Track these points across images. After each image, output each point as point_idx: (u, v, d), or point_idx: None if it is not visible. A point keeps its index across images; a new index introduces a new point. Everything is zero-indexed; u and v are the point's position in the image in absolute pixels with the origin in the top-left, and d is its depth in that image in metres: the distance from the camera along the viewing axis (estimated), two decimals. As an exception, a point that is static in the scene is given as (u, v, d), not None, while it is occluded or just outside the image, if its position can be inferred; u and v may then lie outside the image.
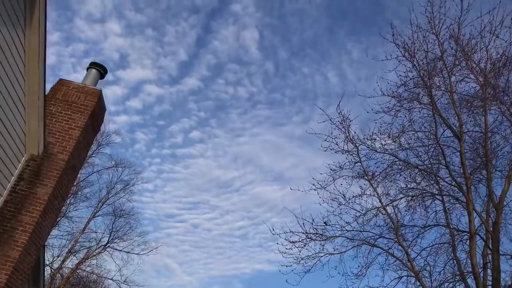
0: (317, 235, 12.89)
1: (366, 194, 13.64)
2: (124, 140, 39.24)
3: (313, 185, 13.19)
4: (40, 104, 8.68)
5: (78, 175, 32.04)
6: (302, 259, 13.17)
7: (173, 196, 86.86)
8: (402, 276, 13.33)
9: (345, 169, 13.77)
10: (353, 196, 13.62)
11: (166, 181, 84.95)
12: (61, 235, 31.25)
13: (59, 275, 31.14)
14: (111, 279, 33.77)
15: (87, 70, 10.63)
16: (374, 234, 13.46)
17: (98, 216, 33.99)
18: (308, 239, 12.83)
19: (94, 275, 33.73)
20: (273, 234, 13.12)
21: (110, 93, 69.70)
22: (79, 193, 32.14)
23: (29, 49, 8.04)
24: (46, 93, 9.67)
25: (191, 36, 78.72)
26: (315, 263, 13.13)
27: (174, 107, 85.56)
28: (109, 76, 67.49)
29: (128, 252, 34.26)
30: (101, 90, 10.12)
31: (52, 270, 30.66)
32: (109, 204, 34.74)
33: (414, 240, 13.93)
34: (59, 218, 29.34)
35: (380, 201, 13.47)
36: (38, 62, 8.17)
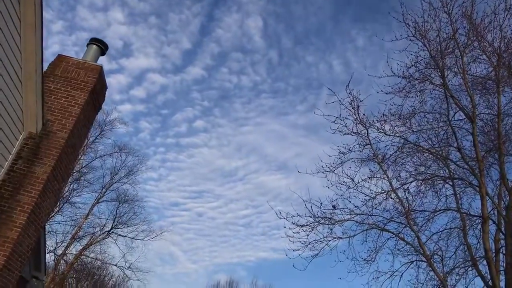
0: (325, 218, 12.49)
1: (376, 177, 13.21)
2: (127, 126, 38.65)
3: (322, 167, 12.77)
4: (37, 79, 8.23)
5: (81, 160, 31.84)
6: (309, 243, 12.81)
7: (178, 185, 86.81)
8: (413, 261, 12.98)
9: (354, 151, 13.35)
10: (362, 180, 13.20)
11: (170, 170, 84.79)
12: (65, 221, 31.05)
13: (63, 261, 30.98)
14: (115, 265, 33.61)
15: (87, 46, 10.16)
16: (384, 218, 13.07)
17: (101, 202, 33.82)
18: (316, 223, 12.44)
19: (98, 261, 33.56)
20: (280, 218, 12.75)
21: (114, 82, 69.33)
22: (82, 178, 31.87)
23: (25, 20, 7.58)
24: (45, 70, 9.25)
25: (195, 24, 78.13)
26: (323, 247, 12.76)
27: (178, 96, 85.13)
28: (112, 65, 66.75)
29: (132, 238, 34.12)
30: (101, 66, 9.66)
31: (56, 256, 30.48)
32: (112, 190, 34.54)
33: (425, 224, 13.52)
34: (62, 204, 29.12)
35: (391, 184, 13.03)
36: (34, 34, 7.70)
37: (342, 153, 13.13)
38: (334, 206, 12.39)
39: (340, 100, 13.17)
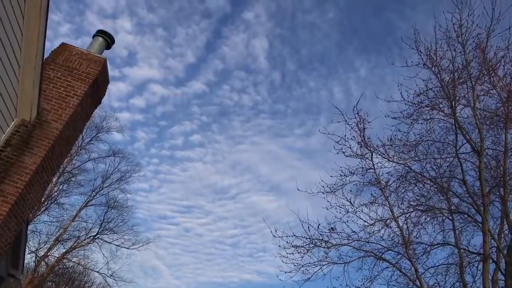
0: (321, 241, 11.93)
1: (377, 203, 12.73)
2: (123, 133, 37.97)
3: (323, 187, 12.28)
4: (37, 65, 7.75)
5: (74, 161, 31.24)
6: (303, 266, 12.24)
7: (168, 198, 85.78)
8: (410, 294, 12.38)
9: (357, 174, 12.88)
10: (363, 204, 12.71)
11: (162, 182, 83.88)
12: (50, 222, 30.20)
13: (44, 263, 30.01)
14: (97, 272, 32.64)
15: (93, 38, 9.72)
16: (382, 247, 12.52)
17: (90, 205, 32.99)
18: (312, 245, 11.88)
19: (81, 266, 32.55)
20: (275, 236, 12.19)
21: (115, 89, 68.88)
22: (73, 179, 31.14)
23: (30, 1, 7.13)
24: (46, 57, 8.79)
25: (201, 39, 78.32)
26: (316, 271, 12.18)
27: (178, 109, 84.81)
28: (115, 73, 66.50)
29: (118, 246, 33.23)
30: (106, 59, 9.20)
31: (37, 258, 29.55)
32: (102, 195, 33.77)
33: (422, 256, 12.98)
34: (49, 203, 28.37)
35: (392, 211, 12.54)
36: (39, 15, 7.24)
37: (344, 175, 12.67)
38: (332, 228, 11.86)
39: (346, 120, 12.77)
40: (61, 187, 30.27)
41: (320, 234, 11.90)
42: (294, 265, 12.23)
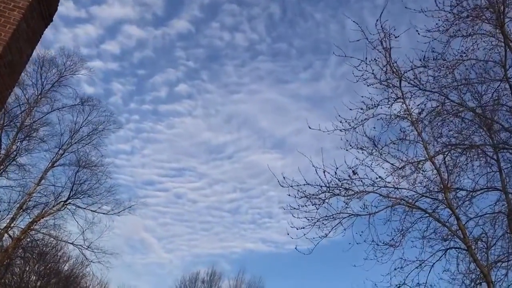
0: (341, 189, 11.37)
1: (407, 140, 12.11)
2: (92, 73, 35.96)
3: (341, 122, 11.62)
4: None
5: (33, 112, 30.36)
6: (318, 220, 11.75)
7: (154, 160, 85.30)
8: (450, 248, 11.95)
9: (382, 106, 12.19)
10: (390, 143, 12.07)
11: (145, 142, 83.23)
12: (11, 187, 29.63)
13: (7, 235, 29.66)
14: (71, 243, 32.22)
15: None
16: (415, 193, 11.99)
17: (57, 165, 32.25)
18: (329, 193, 11.32)
19: (51, 238, 32.19)
20: (283, 186, 11.62)
21: (82, 33, 66.66)
22: (34, 135, 30.32)
23: None
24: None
25: (182, -34, 75.56)
26: (335, 226, 11.69)
27: (158, 54, 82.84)
28: (81, 13, 64.29)
29: (94, 211, 32.62)
30: (55, -40, 8.23)
31: (0, 230, 29.17)
32: (72, 152, 32.91)
33: (465, 203, 12.50)
34: (7, 164, 27.74)
35: (426, 150, 11.91)
36: None
37: (366, 107, 11.96)
38: (354, 171, 11.26)
39: (367, 38, 11.93)
40: (20, 145, 29.56)
41: (338, 180, 11.34)
42: (308, 220, 11.75)
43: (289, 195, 11.29)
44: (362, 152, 11.76)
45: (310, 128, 11.66)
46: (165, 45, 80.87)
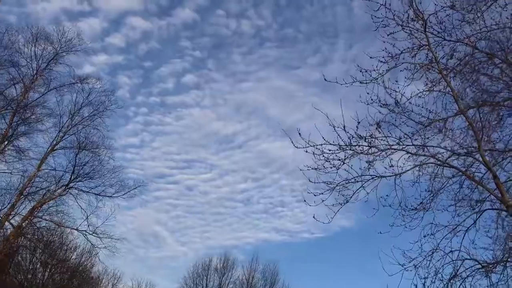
0: (364, 146, 10.40)
1: (436, 91, 11.12)
2: (90, 48, 34.33)
3: (361, 72, 10.64)
4: None
5: (30, 93, 29.45)
6: (338, 185, 10.80)
7: (163, 153, 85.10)
8: (486, 210, 11.02)
9: (405, 54, 11.18)
10: (416, 93, 11.05)
11: (154, 135, 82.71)
12: (10, 172, 28.93)
13: (8, 223, 29.01)
14: (76, 229, 31.48)
15: None
16: (446, 150, 11.00)
17: (58, 149, 31.39)
18: (350, 151, 10.36)
19: (55, 224, 31.42)
20: (297, 147, 10.66)
21: (86, 27, 65.56)
22: (32, 117, 29.41)
23: None
24: None
25: (186, -47, 74.06)
26: (357, 190, 10.75)
27: (164, 45, 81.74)
28: (84, 6, 63.12)
29: (97, 195, 31.94)
30: None
31: (0, 218, 28.47)
32: (72, 134, 32.04)
33: (503, 161, 11.53)
34: (4, 147, 27.01)
35: (456, 101, 10.85)
36: None
37: (389, 55, 10.95)
38: (378, 124, 10.28)
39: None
40: (17, 127, 28.75)
41: (360, 138, 10.36)
42: (327, 184, 10.82)
43: (306, 151, 10.36)
44: (386, 105, 10.77)
45: (325, 80, 10.66)
46: (170, 35, 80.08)
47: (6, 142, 27.65)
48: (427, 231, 10.94)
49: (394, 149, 10.50)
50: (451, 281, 10.24)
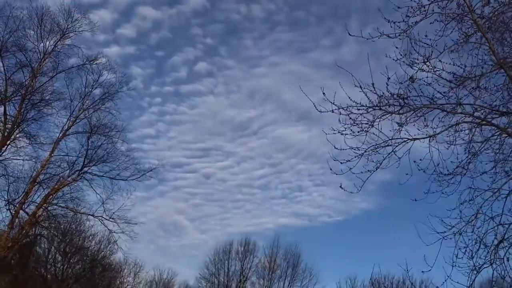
0: (395, 105, 9.65)
1: (471, 43, 10.27)
2: (97, 28, 33.27)
3: (390, 21, 9.83)
4: None
5: (38, 76, 28.87)
6: (366, 150, 10.08)
7: (180, 142, 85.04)
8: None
9: (436, 2, 10.30)
10: (448, 48, 10.19)
11: (170, 125, 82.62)
12: (22, 159, 28.55)
13: (23, 212, 28.70)
14: (92, 215, 31.01)
15: None
16: (484, 108, 10.17)
17: (70, 134, 30.91)
18: (380, 111, 9.61)
19: (70, 211, 31.04)
20: (320, 112, 9.96)
21: (97, 18, 64.70)
22: (42, 102, 28.91)
23: None
24: None
25: None
26: (388, 155, 10.02)
27: (175, 34, 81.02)
28: None
29: (112, 178, 31.52)
30: None
31: (15, 207, 28.14)
32: (84, 118, 31.52)
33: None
34: (15, 134, 26.62)
35: (494, 53, 10.01)
36: None
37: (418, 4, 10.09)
38: (412, 78, 9.50)
39: None
40: (27, 114, 28.31)
41: (391, 94, 9.59)
42: (354, 150, 10.09)
43: (332, 111, 9.62)
44: (417, 60, 9.96)
45: (350, 34, 9.90)
46: (181, 23, 79.43)
47: (16, 129, 27.22)
48: (465, 197, 10.19)
49: (428, 107, 9.72)
50: (499, 246, 9.48)
